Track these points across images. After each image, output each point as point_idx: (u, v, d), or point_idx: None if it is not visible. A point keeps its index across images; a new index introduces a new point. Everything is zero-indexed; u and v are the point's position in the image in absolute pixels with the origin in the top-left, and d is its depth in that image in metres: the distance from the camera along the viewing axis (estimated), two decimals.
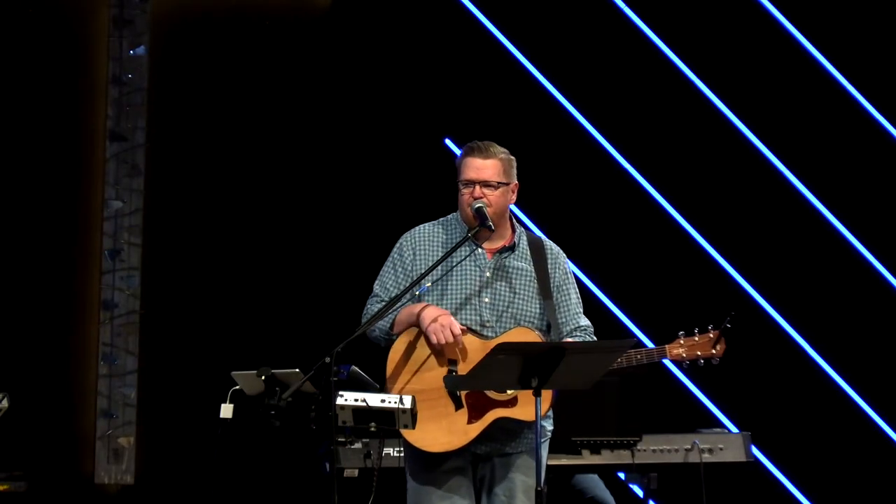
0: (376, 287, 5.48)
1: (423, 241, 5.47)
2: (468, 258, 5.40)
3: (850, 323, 8.94)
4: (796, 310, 8.96)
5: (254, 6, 8.96)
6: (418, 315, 5.28)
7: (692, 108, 9.04)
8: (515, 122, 8.71)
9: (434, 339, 5.22)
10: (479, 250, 5.43)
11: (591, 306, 8.06)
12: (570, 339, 5.38)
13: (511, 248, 5.46)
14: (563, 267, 5.51)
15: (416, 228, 5.53)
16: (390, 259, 5.50)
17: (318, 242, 8.74)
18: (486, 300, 5.37)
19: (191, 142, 8.85)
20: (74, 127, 8.83)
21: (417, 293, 5.34)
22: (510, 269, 5.43)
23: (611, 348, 5.25)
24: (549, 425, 5.45)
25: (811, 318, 8.95)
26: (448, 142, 8.82)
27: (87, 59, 8.89)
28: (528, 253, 5.47)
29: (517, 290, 5.41)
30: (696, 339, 5.69)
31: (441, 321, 5.23)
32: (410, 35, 8.88)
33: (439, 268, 5.37)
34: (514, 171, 5.47)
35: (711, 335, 5.69)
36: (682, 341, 5.69)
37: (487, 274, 5.40)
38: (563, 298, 5.46)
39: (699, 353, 5.68)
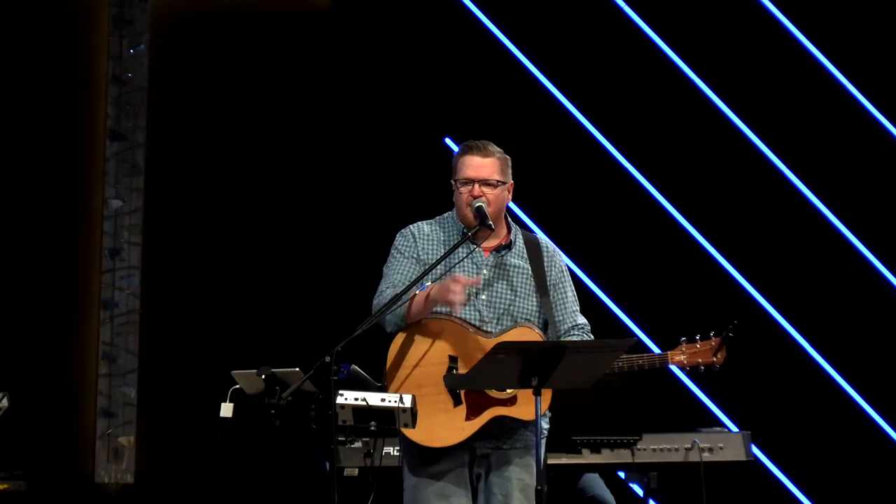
0: (386, 276, 5.39)
1: (422, 237, 5.45)
2: (467, 257, 5.39)
3: (850, 323, 8.93)
4: (797, 310, 8.96)
5: (254, 6, 8.96)
6: (427, 297, 5.22)
7: (692, 108, 9.04)
8: (515, 122, 8.71)
9: (453, 297, 5.15)
10: (477, 249, 5.42)
11: (593, 307, 8.10)
12: (568, 338, 5.38)
13: (508, 245, 5.45)
14: (560, 264, 5.51)
15: (413, 225, 5.50)
16: (394, 250, 5.45)
17: (317, 242, 8.74)
18: (485, 298, 5.36)
19: (190, 141, 8.86)
20: (74, 126, 8.83)
21: (417, 293, 5.32)
22: (508, 268, 5.42)
23: (611, 347, 5.25)
24: (546, 423, 5.45)
25: (811, 318, 8.95)
26: (448, 141, 8.82)
27: (87, 59, 8.89)
28: (525, 251, 5.46)
29: (516, 289, 5.40)
30: (698, 346, 5.71)
31: (444, 285, 5.18)
32: (410, 35, 8.88)
33: (439, 267, 5.36)
34: (510, 170, 5.45)
35: (713, 343, 5.71)
36: (683, 348, 5.72)
37: (486, 272, 5.39)
38: (560, 296, 5.46)
39: (700, 360, 5.71)
